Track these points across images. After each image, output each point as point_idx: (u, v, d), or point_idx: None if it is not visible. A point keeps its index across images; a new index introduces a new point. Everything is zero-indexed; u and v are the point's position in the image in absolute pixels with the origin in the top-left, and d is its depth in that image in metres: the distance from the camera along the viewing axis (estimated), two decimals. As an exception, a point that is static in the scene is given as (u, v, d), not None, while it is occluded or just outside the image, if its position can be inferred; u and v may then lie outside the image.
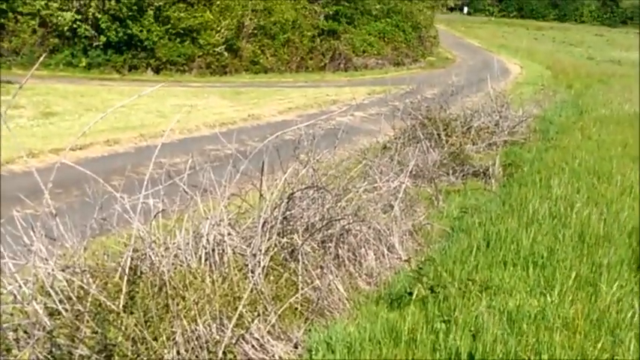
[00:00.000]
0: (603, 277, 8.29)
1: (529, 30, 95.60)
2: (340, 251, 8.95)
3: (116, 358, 5.41)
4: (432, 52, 54.45)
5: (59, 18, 32.69)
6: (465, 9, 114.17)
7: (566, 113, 24.62)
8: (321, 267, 8.41)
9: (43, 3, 32.53)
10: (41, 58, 28.29)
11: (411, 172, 12.18)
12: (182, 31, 35.46)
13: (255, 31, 38.63)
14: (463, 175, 14.90)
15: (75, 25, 33.23)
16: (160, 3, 34.38)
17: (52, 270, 5.95)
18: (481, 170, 15.10)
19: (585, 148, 17.34)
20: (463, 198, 13.16)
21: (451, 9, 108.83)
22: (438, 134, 15.77)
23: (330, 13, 43.74)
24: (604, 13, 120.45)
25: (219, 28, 36.27)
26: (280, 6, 39.27)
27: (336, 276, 8.53)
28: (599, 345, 6.39)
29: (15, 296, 5.76)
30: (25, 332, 5.37)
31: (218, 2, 36.26)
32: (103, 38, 34.02)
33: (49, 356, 5.20)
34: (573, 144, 18.02)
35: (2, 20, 32.53)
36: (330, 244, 8.77)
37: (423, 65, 49.20)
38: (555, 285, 7.93)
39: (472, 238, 9.89)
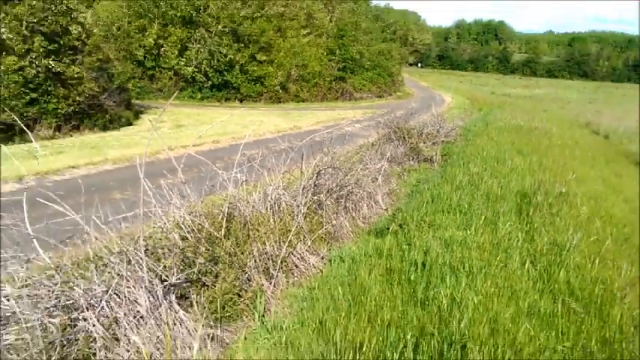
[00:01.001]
0: (500, 219, 8.26)
1: (457, 77, 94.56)
2: (347, 204, 8.97)
3: (220, 264, 5.44)
4: (400, 89, 53.97)
5: (185, 70, 32.75)
6: (420, 64, 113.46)
7: (478, 125, 24.42)
8: (336, 213, 8.45)
9: (175, 62, 32.59)
10: (175, 94, 28.41)
11: (387, 158, 12.19)
12: (255, 78, 35.46)
13: (297, 78, 38.61)
14: (418, 161, 14.87)
15: (194, 75, 33.29)
16: (243, 62, 34.38)
17: (183, 214, 5.99)
18: (429, 157, 15.07)
19: (489, 145, 17.24)
20: (418, 174, 13.15)
21: (411, 64, 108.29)
22: (403, 137, 15.69)
23: (340, 67, 43.67)
24: (501, 66, 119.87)
25: (276, 76, 36.26)
26: (312, 63, 39.23)
27: (345, 218, 8.57)
28: (498, 258, 6.38)
29: (162, 229, 5.81)
30: (168, 249, 5.40)
31: (275, 61, 36.22)
32: (209, 82, 34.10)
33: (181, 263, 5.24)
34: (482, 143, 17.89)
35: (153, 72, 32.67)
36: (341, 200, 8.81)
37: (394, 97, 48.81)
38: (472, 224, 7.92)
39: (423, 197, 9.86)
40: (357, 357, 3.35)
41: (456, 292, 4.92)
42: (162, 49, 32.90)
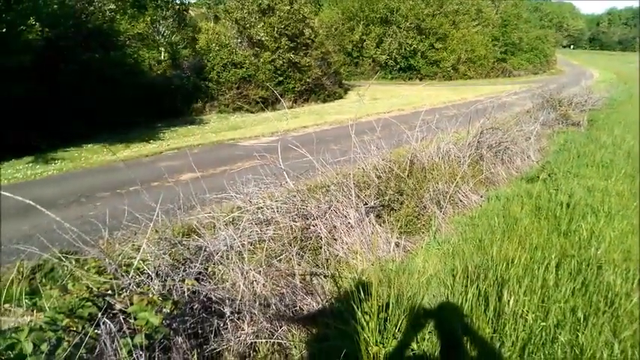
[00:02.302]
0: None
1: (605, 56, 80.00)
2: (504, 157, 8.34)
3: (404, 195, 5.49)
4: (553, 67, 47.74)
5: (380, 58, 32.61)
6: (571, 46, 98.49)
7: (622, 96, 20.78)
8: (494, 164, 7.92)
9: (373, 52, 32.57)
10: (374, 77, 28.53)
11: (540, 122, 11.01)
12: (432, 61, 34.04)
13: (466, 60, 36.16)
14: (567, 125, 13.15)
15: (386, 61, 33.01)
16: (423, 50, 33.16)
17: (378, 160, 6.11)
18: (576, 122, 13.27)
19: (631, 113, 14.68)
20: (566, 135, 11.62)
21: (564, 46, 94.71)
22: (555, 105, 14.03)
23: (502, 50, 39.90)
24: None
25: (449, 59, 34.39)
26: (478, 48, 36.38)
27: (501, 168, 8.01)
28: (635, 203, 5.51)
29: (364, 169, 5.98)
30: (368, 184, 5.54)
31: (449, 48, 34.29)
32: (397, 66, 33.58)
33: (377, 193, 5.37)
34: (626, 110, 15.31)
35: (358, 60, 33.05)
36: (499, 154, 8.22)
37: (548, 74, 43.35)
38: (613, 176, 6.90)
39: (570, 153, 8.81)
40: (509, 267, 3.21)
41: (595, 228, 4.39)
42: (364, 43, 33.07)
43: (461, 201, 6.28)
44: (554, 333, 2.52)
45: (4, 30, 9.44)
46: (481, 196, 6.65)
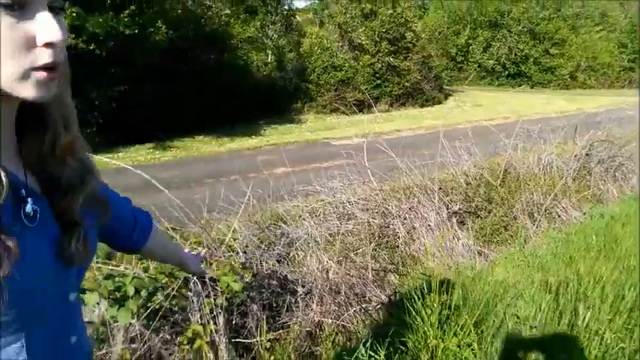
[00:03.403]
0: None
1: None
2: (616, 174, 7.66)
3: (493, 204, 5.32)
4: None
5: (487, 63, 31.18)
6: None
7: None
8: (604, 180, 7.31)
9: (479, 57, 31.27)
10: (481, 81, 27.38)
11: (666, 138, 9.85)
12: (546, 68, 31.66)
13: (586, 68, 33.11)
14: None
15: (493, 66, 31.51)
16: (537, 55, 31.05)
17: (469, 166, 5.99)
18: None
19: None
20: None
21: None
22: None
23: (631, 58, 35.94)
24: None
25: (566, 67, 31.74)
26: (602, 55, 33.09)
27: (612, 186, 7.35)
28: None
29: (452, 174, 5.86)
30: (454, 188, 5.46)
31: (567, 54, 31.71)
32: (506, 72, 31.90)
33: (464, 199, 5.25)
34: None
35: (462, 65, 31.93)
36: (610, 170, 7.57)
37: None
38: None
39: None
40: (596, 284, 3.02)
41: None
42: (470, 47, 31.92)
43: (559, 216, 5.91)
44: (634, 357, 2.36)
45: (136, 31, 10.78)
46: (584, 213, 6.19)
